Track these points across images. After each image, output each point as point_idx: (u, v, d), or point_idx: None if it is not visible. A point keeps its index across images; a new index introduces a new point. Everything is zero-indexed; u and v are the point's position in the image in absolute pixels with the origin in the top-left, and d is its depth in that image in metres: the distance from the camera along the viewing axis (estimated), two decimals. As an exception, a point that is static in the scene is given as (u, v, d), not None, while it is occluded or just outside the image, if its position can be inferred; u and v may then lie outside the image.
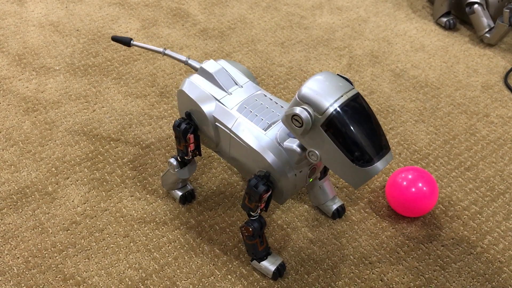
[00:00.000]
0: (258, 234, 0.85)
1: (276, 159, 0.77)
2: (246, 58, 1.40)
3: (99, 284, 0.89)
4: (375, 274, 0.92)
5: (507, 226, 1.01)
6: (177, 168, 0.94)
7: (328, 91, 0.67)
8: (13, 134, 1.15)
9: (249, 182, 0.79)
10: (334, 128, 0.67)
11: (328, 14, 1.60)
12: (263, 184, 0.78)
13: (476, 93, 1.33)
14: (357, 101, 0.68)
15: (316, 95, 0.67)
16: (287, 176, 0.78)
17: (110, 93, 1.27)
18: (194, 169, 0.98)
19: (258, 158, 0.79)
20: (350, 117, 0.66)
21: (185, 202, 1.01)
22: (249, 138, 0.79)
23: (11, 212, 0.99)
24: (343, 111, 0.66)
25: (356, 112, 0.67)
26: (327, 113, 0.66)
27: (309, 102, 0.67)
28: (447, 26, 1.54)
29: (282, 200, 0.82)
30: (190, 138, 0.88)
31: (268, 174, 0.78)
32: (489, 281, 0.92)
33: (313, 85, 0.68)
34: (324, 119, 0.67)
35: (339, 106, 0.66)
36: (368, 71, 1.38)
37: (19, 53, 1.37)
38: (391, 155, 0.70)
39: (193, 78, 0.86)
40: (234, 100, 0.83)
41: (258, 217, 0.84)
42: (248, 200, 0.81)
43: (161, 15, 1.55)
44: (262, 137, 0.78)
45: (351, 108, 0.67)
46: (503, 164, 1.14)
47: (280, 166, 0.77)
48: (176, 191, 1.01)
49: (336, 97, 0.67)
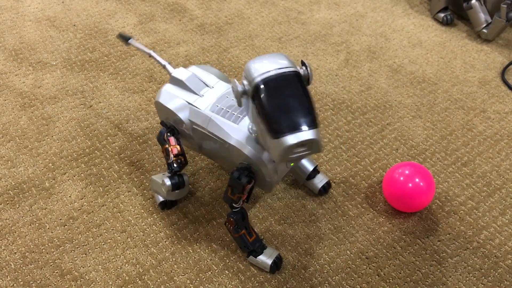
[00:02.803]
0: (243, 225, 0.87)
1: (252, 150, 0.80)
2: (243, 54, 1.40)
3: (97, 279, 0.89)
4: (371, 269, 0.92)
5: (503, 221, 1.01)
6: (169, 190, 0.92)
7: (263, 66, 0.70)
8: (9, 130, 1.15)
9: (232, 174, 0.81)
10: (257, 98, 0.69)
11: (325, 9, 1.60)
12: (246, 176, 0.80)
13: (473, 89, 1.33)
14: (287, 78, 0.69)
15: (251, 69, 0.70)
16: (266, 165, 0.80)
17: (107, 89, 1.27)
18: (185, 193, 0.96)
19: (236, 152, 0.82)
20: (271, 90, 0.68)
21: (164, 208, 1.00)
22: (223, 134, 0.82)
23: (8, 207, 0.99)
24: (265, 83, 0.68)
25: (281, 87, 0.69)
26: (253, 83, 0.69)
27: (245, 75, 0.71)
28: (444, 22, 1.54)
29: (269, 187, 0.85)
30: (170, 140, 0.89)
31: (249, 165, 0.81)
32: (485, 276, 0.92)
33: (255, 61, 0.71)
34: (251, 90, 0.70)
35: (264, 78, 0.69)
36: (366, 66, 1.38)
37: (15, 48, 1.37)
38: (311, 135, 0.68)
39: (166, 87, 0.90)
40: (206, 101, 0.87)
41: (239, 208, 0.86)
42: (231, 192, 0.83)
43: (158, 10, 1.54)
44: (235, 131, 0.81)
45: (277, 82, 0.69)
46: (500, 159, 1.14)
47: (258, 156, 0.80)
48: (158, 196, 1.00)
49: (265, 71, 0.69)
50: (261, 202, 1.02)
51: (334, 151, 1.14)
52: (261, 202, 1.02)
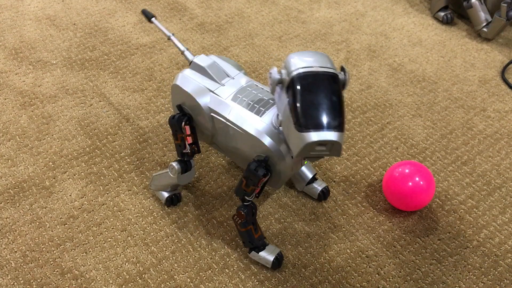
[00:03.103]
0: (251, 220, 0.87)
1: (273, 142, 0.79)
2: (244, 52, 1.40)
3: (97, 278, 0.89)
4: (372, 268, 0.93)
5: (503, 220, 1.01)
6: (178, 172, 0.93)
7: (304, 60, 0.71)
8: (10, 129, 1.15)
9: (249, 166, 0.80)
10: (292, 89, 0.70)
11: (325, 8, 1.60)
12: (263, 168, 0.80)
13: (473, 88, 1.33)
14: (325, 78, 0.70)
15: (292, 61, 0.71)
16: (284, 159, 0.80)
17: (107, 87, 1.27)
18: (193, 175, 0.97)
19: (255, 143, 0.81)
20: (308, 84, 0.69)
21: (171, 204, 1.00)
22: (245, 125, 0.82)
23: (9, 206, 0.99)
24: (303, 77, 0.69)
25: (318, 84, 0.69)
26: (291, 75, 0.70)
27: (285, 65, 0.72)
28: (444, 21, 1.54)
29: (279, 184, 0.85)
30: (186, 128, 0.89)
31: (267, 158, 0.81)
32: (485, 274, 0.92)
33: (298, 54, 0.72)
34: (288, 80, 0.70)
35: (303, 72, 0.69)
36: (366, 65, 1.38)
37: (15, 47, 1.37)
38: (335, 137, 0.68)
39: (186, 72, 0.89)
40: (227, 91, 0.86)
41: (250, 202, 0.86)
42: (245, 185, 0.83)
43: (159, 9, 1.54)
44: (258, 122, 0.81)
45: (315, 79, 0.69)
46: (500, 158, 1.14)
47: (278, 149, 0.79)
48: (162, 193, 1.00)
49: (306, 65, 0.70)
50: (261, 201, 1.03)
51: (334, 150, 1.14)
52: (261, 201, 1.03)
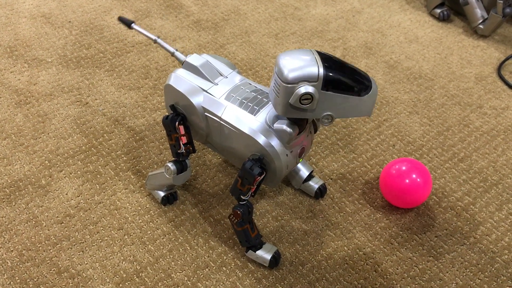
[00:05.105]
0: (247, 219, 0.86)
1: (268, 141, 0.80)
2: (240, 50, 1.40)
3: (94, 277, 0.89)
4: (369, 265, 0.93)
5: (500, 217, 1.01)
6: (174, 173, 0.92)
7: (302, 61, 0.72)
8: (5, 127, 1.14)
9: (244, 165, 0.80)
10: (332, 82, 0.71)
11: (322, 5, 1.60)
12: (258, 167, 0.80)
13: (469, 85, 1.33)
14: (322, 53, 0.74)
15: (301, 71, 0.71)
16: (279, 157, 0.80)
17: (103, 85, 1.26)
18: (189, 175, 0.96)
19: (250, 142, 0.81)
20: (333, 66, 0.72)
21: (167, 203, 1.00)
22: (239, 124, 0.82)
23: (4, 205, 0.99)
24: (327, 66, 0.71)
25: (331, 59, 0.73)
26: (321, 75, 0.70)
27: (301, 79, 0.71)
28: (441, 17, 1.54)
29: (275, 182, 0.85)
30: (180, 128, 0.88)
31: (262, 157, 0.81)
32: (482, 271, 0.92)
33: (289, 66, 0.72)
34: (321, 82, 0.71)
35: (322, 64, 0.71)
36: (362, 62, 1.38)
37: (10, 45, 1.36)
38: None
39: (179, 72, 0.89)
40: (221, 90, 0.86)
41: (246, 202, 0.86)
42: (241, 184, 0.83)
43: (154, 6, 1.54)
44: (252, 121, 0.81)
45: (327, 60, 0.72)
46: (496, 155, 1.14)
47: (272, 147, 0.80)
48: (158, 192, 0.99)
49: (311, 59, 0.72)
50: (258, 199, 1.02)
51: (331, 147, 1.14)
52: (258, 199, 1.02)
